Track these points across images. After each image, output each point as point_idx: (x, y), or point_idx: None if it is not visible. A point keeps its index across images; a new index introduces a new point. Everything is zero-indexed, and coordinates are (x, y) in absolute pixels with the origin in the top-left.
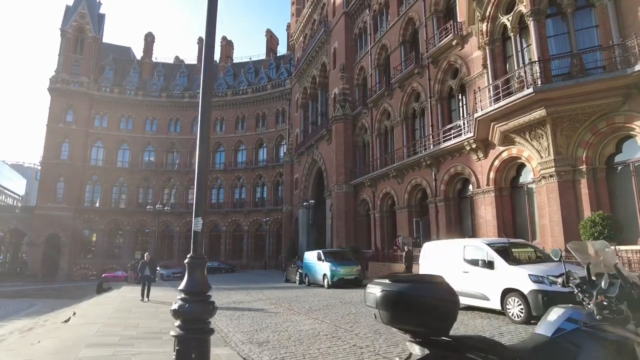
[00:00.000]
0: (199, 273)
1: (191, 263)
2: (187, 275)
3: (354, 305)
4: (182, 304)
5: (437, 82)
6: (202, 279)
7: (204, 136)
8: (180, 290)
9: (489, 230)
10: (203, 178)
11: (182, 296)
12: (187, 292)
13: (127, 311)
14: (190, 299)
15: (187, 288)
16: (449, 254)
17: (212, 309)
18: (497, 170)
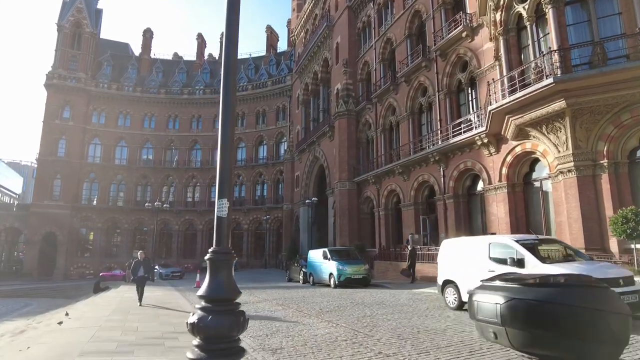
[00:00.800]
0: (225, 273)
1: (215, 260)
2: (209, 276)
3: (367, 307)
4: (203, 316)
5: (445, 76)
6: (229, 281)
7: (229, 101)
8: (200, 296)
9: (502, 227)
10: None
11: (202, 305)
12: (210, 299)
13: (125, 313)
14: (214, 308)
15: (210, 293)
16: (471, 252)
17: (243, 322)
18: (509, 166)
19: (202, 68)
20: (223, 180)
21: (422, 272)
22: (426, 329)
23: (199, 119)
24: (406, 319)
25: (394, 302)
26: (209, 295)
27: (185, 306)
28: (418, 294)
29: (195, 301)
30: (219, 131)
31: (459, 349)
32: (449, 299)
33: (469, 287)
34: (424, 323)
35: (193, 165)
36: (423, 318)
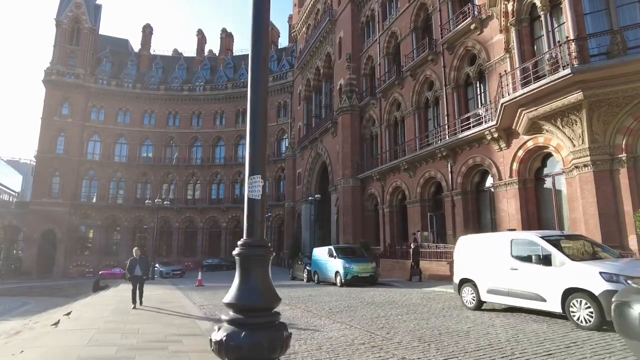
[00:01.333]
0: (260, 273)
1: (246, 255)
2: (239, 278)
3: (379, 307)
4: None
5: (452, 69)
6: (265, 283)
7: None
8: (227, 304)
9: (512, 224)
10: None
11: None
12: (242, 309)
13: (125, 313)
14: (248, 321)
15: (242, 301)
16: (491, 249)
17: (286, 339)
18: (520, 161)
19: (202, 64)
20: (255, 152)
21: (430, 270)
22: (447, 330)
23: (199, 115)
24: (424, 320)
25: (406, 301)
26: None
27: (188, 306)
28: (429, 292)
29: (198, 301)
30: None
31: (490, 354)
32: (466, 298)
33: (489, 285)
34: (443, 324)
35: (193, 163)
36: (441, 319)
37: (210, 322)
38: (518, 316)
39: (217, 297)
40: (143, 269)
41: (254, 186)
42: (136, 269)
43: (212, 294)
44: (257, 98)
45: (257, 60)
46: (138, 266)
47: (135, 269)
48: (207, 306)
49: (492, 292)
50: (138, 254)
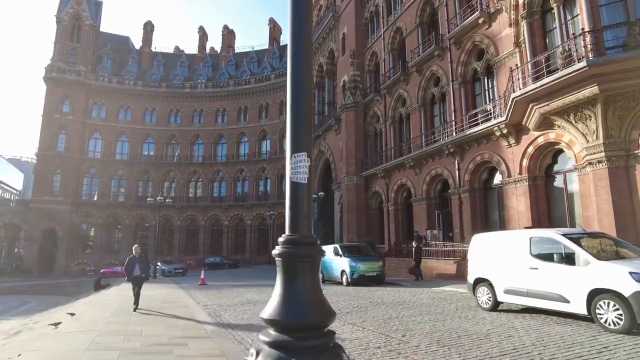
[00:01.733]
0: (310, 280)
1: (291, 256)
2: (282, 286)
3: (390, 307)
4: (276, 358)
5: (460, 65)
6: (315, 293)
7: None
8: (267, 321)
9: (522, 222)
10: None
11: (273, 337)
12: (288, 327)
13: (127, 313)
14: (296, 344)
15: (288, 317)
16: (508, 248)
17: None
18: (530, 158)
19: (203, 61)
20: (298, 123)
21: (438, 269)
22: (466, 332)
23: (200, 113)
24: (439, 322)
25: (417, 301)
26: (287, 319)
27: (192, 306)
28: (439, 292)
29: (202, 300)
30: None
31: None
32: (481, 298)
33: (507, 285)
34: (460, 326)
35: (195, 160)
36: (457, 320)
37: (217, 325)
38: (538, 318)
39: (221, 296)
40: (143, 269)
41: (298, 167)
42: (135, 268)
43: (216, 293)
44: (299, 51)
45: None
46: (137, 265)
47: (134, 268)
48: (211, 306)
49: (510, 293)
50: (138, 252)
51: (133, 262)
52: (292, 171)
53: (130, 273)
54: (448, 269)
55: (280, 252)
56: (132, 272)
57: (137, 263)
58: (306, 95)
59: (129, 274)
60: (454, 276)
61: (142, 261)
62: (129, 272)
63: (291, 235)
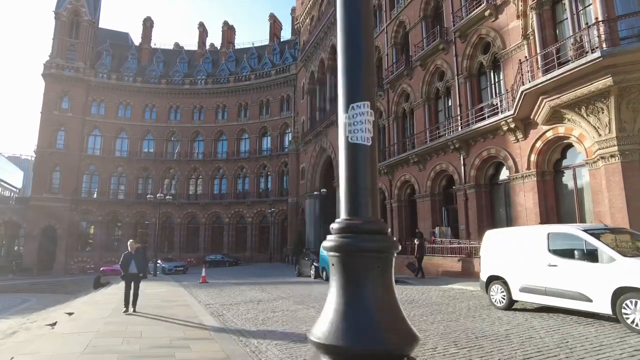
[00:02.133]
0: (381, 285)
1: (353, 250)
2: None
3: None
4: None
5: (465, 58)
6: (389, 305)
7: None
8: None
9: (530, 218)
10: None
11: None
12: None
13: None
14: None
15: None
16: (524, 244)
17: None
18: (539, 153)
19: (203, 58)
20: (356, 63)
21: (444, 266)
22: (483, 333)
23: (200, 109)
24: (453, 321)
25: (427, 300)
26: (349, 344)
27: (193, 305)
28: (448, 290)
29: (204, 299)
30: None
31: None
32: (495, 297)
33: (522, 283)
34: (476, 326)
35: (195, 157)
36: (471, 320)
37: (220, 325)
38: (557, 317)
39: (223, 294)
40: (139, 266)
41: (358, 122)
42: (131, 265)
43: (218, 292)
44: None
45: None
46: (134, 262)
47: (130, 265)
48: (213, 305)
49: (526, 291)
50: (134, 247)
51: (128, 258)
52: (349, 128)
53: (125, 269)
54: (454, 266)
55: (337, 245)
56: (127, 269)
57: (133, 259)
58: (365, 25)
59: (124, 270)
60: (460, 273)
61: (138, 257)
62: (124, 268)
63: (351, 218)
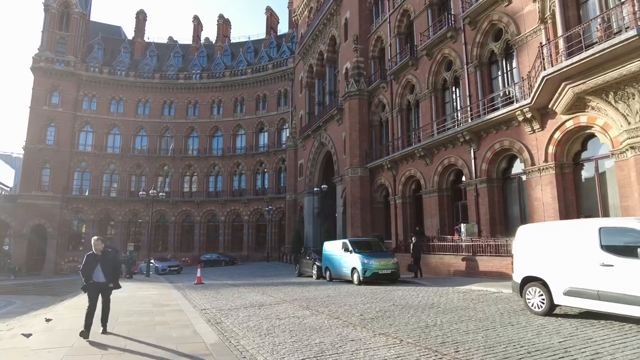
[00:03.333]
0: None
1: None
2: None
3: (421, 311)
4: None
5: (475, 46)
6: None
7: None
8: None
9: (548, 214)
10: None
11: None
12: None
13: (111, 319)
14: None
15: None
16: (568, 241)
17: None
18: (557, 144)
19: (198, 52)
20: None
21: (456, 266)
22: (535, 347)
23: (195, 105)
24: (490, 330)
25: (448, 304)
26: None
27: (187, 310)
28: (467, 292)
29: (199, 303)
30: None
31: None
32: (532, 300)
33: (568, 286)
34: (522, 336)
35: (190, 154)
36: (511, 328)
37: (218, 336)
38: (611, 326)
39: (220, 297)
40: (108, 272)
41: None
42: (97, 271)
43: (214, 294)
44: None
45: None
46: (100, 267)
47: (94, 271)
48: (209, 310)
49: (573, 294)
50: (99, 247)
51: (92, 262)
52: None
53: (89, 277)
54: (467, 265)
55: None
56: (90, 276)
57: (99, 264)
58: None
59: (86, 277)
60: (475, 273)
61: (106, 261)
62: (87, 274)
63: None
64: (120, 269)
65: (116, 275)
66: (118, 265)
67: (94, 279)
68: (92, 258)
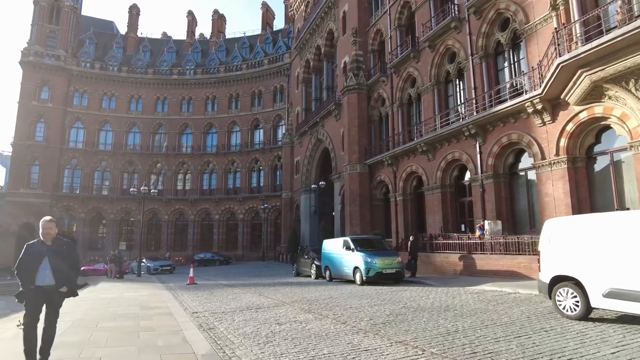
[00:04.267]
0: None
1: None
2: None
3: (436, 314)
4: None
5: (480, 37)
6: None
7: None
8: None
9: (560, 210)
10: None
11: None
12: None
13: (90, 327)
14: None
15: None
16: (607, 236)
17: None
18: (570, 137)
19: (192, 47)
20: None
21: (463, 265)
22: (583, 359)
23: (189, 101)
24: (524, 337)
25: (464, 306)
26: None
27: (177, 313)
28: (480, 292)
29: (191, 305)
30: None
31: None
32: (564, 303)
33: (608, 286)
34: (565, 346)
35: (183, 151)
36: (546, 335)
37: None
38: None
39: (213, 299)
40: (59, 272)
41: None
42: (42, 270)
43: (208, 296)
44: None
45: None
46: (47, 263)
47: (39, 270)
48: (202, 313)
49: (615, 297)
50: (51, 233)
51: (35, 255)
52: None
53: (28, 281)
54: (475, 264)
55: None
56: (32, 279)
57: (46, 259)
58: None
59: (25, 282)
60: (483, 272)
61: (57, 254)
62: (25, 277)
63: None
64: (78, 268)
65: (72, 276)
66: (76, 263)
67: (37, 282)
68: (35, 249)
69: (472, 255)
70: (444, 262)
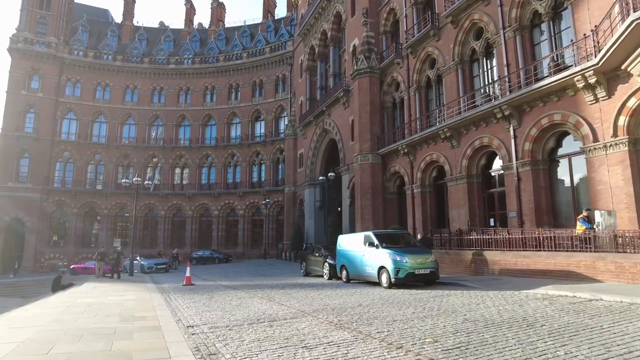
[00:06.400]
0: None
1: None
2: None
3: (524, 333)
4: None
5: (514, 7)
6: None
7: None
8: None
9: (619, 200)
10: None
11: None
12: None
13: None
14: None
15: None
16: None
17: None
18: (632, 114)
19: (190, 36)
20: None
21: (501, 263)
22: None
23: (187, 91)
24: None
25: (547, 318)
26: None
27: (167, 327)
28: (547, 298)
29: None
30: None
31: None
32: None
33: None
34: None
35: (181, 144)
36: None
37: None
38: None
39: (213, 306)
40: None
41: None
42: None
43: (206, 301)
44: None
45: None
46: None
47: None
48: (199, 327)
49: None
50: None
51: None
52: None
53: None
54: (519, 262)
55: None
56: None
57: None
58: None
59: None
60: (529, 272)
61: None
62: None
63: None
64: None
65: None
66: None
67: None
68: None
69: (517, 252)
70: (477, 260)
